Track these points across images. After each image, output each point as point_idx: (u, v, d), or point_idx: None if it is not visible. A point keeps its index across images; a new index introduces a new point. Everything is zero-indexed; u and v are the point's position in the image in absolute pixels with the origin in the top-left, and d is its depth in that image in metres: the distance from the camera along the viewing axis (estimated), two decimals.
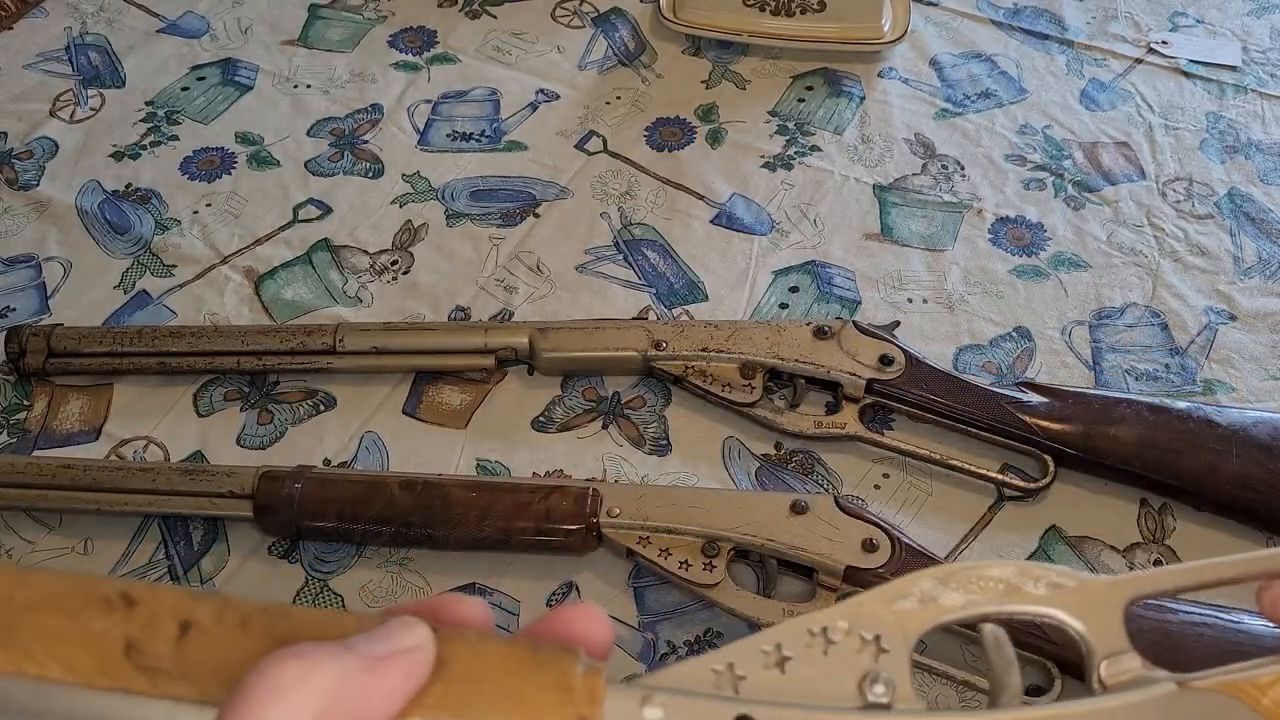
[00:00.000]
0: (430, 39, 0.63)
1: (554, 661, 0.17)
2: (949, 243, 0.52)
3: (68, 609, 0.18)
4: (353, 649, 0.17)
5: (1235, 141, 0.57)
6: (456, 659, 0.17)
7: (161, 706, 0.17)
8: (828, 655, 0.18)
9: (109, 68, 0.61)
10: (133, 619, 0.18)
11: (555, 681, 0.17)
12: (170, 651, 0.17)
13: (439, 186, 0.55)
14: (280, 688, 0.16)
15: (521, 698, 0.17)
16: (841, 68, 0.61)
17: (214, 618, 0.18)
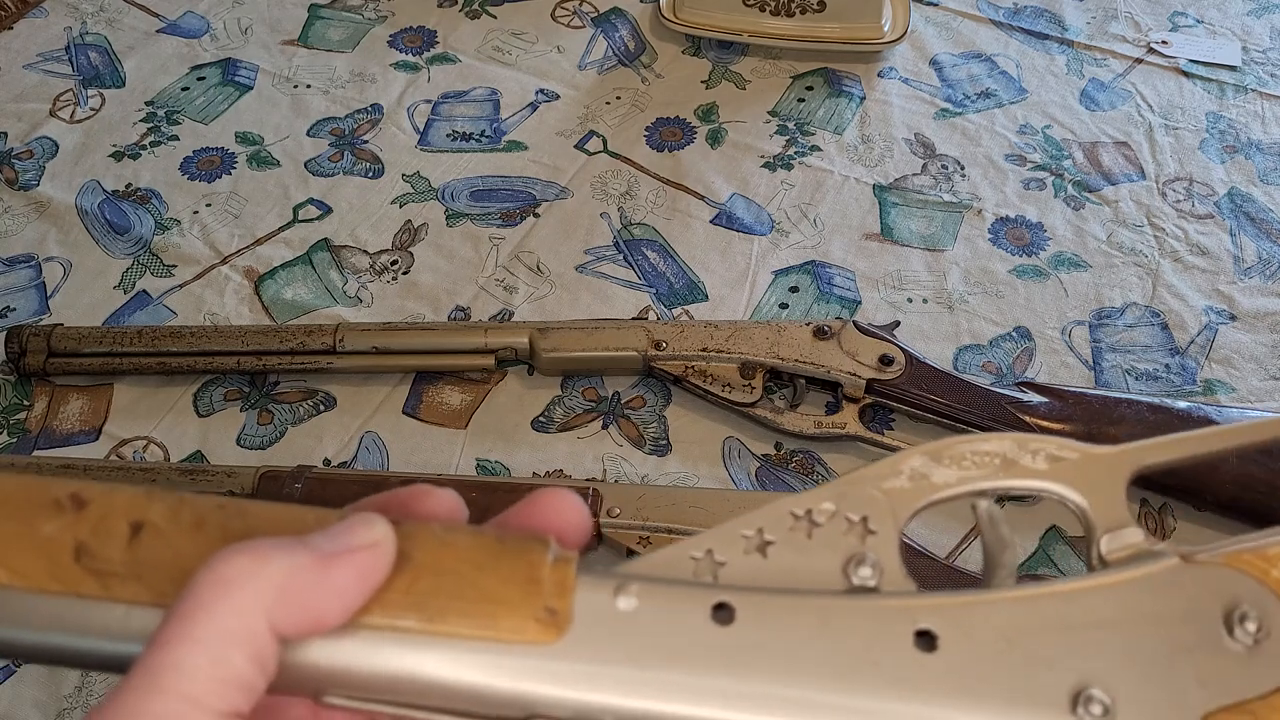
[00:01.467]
0: (430, 39, 0.63)
1: (522, 552, 0.17)
2: (949, 243, 0.52)
3: (16, 513, 0.17)
4: (307, 544, 0.16)
5: (1235, 141, 0.57)
6: (422, 552, 0.17)
7: (114, 610, 0.17)
8: (811, 539, 0.17)
9: (109, 68, 0.61)
10: (83, 520, 0.17)
11: (523, 574, 0.17)
12: (121, 554, 0.17)
13: (439, 186, 0.55)
14: (229, 582, 0.16)
15: (488, 592, 0.17)
16: (841, 68, 0.61)
17: (168, 517, 0.17)
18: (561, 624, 0.16)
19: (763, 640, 0.16)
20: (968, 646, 0.16)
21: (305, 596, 0.16)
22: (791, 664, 0.16)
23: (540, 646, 0.16)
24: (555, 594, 0.17)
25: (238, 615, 0.15)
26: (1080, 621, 0.16)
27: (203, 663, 0.15)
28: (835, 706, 0.16)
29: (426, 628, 0.16)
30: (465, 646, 0.16)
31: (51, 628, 0.17)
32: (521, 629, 0.16)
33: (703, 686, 0.16)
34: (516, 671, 0.16)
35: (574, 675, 0.16)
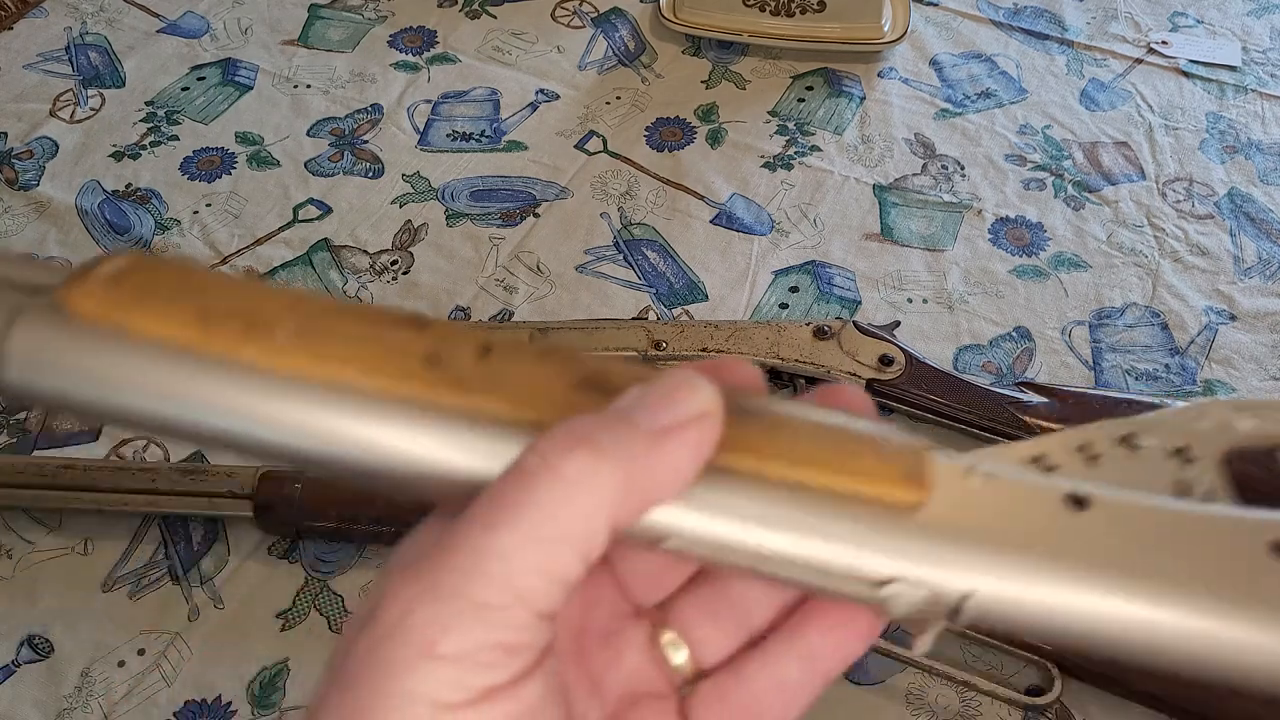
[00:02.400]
0: (430, 39, 0.63)
1: (869, 420, 0.17)
2: (949, 243, 0.52)
3: (361, 320, 0.16)
4: (634, 422, 0.15)
5: (1235, 141, 0.57)
6: (771, 409, 0.16)
7: (467, 420, 0.15)
8: (1135, 458, 0.17)
9: (109, 68, 0.61)
10: (428, 335, 0.16)
11: (879, 436, 0.16)
12: (474, 365, 0.16)
13: (439, 186, 0.55)
14: (569, 482, 0.14)
15: (848, 448, 0.16)
16: (841, 68, 0.61)
17: (513, 344, 0.16)
18: (924, 488, 0.16)
19: (1119, 528, 0.16)
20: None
21: (643, 485, 0.15)
22: (1148, 553, 0.16)
23: (903, 510, 0.16)
24: (916, 459, 0.16)
25: (579, 519, 0.15)
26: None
27: (535, 559, 0.14)
28: (1186, 591, 0.15)
29: (789, 475, 0.16)
30: (827, 501, 0.16)
31: (398, 434, 0.15)
32: (888, 487, 0.16)
33: (1059, 565, 0.15)
34: (880, 532, 0.16)
35: (935, 541, 0.16)
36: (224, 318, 0.16)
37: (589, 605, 0.19)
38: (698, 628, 0.19)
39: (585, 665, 0.19)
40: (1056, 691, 0.37)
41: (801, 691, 0.19)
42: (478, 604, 0.14)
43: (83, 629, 0.39)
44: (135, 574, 0.41)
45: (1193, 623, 0.15)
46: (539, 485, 0.15)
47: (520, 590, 0.14)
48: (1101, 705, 0.37)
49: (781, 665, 0.19)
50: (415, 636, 0.14)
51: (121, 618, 0.40)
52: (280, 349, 0.16)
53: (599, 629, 0.19)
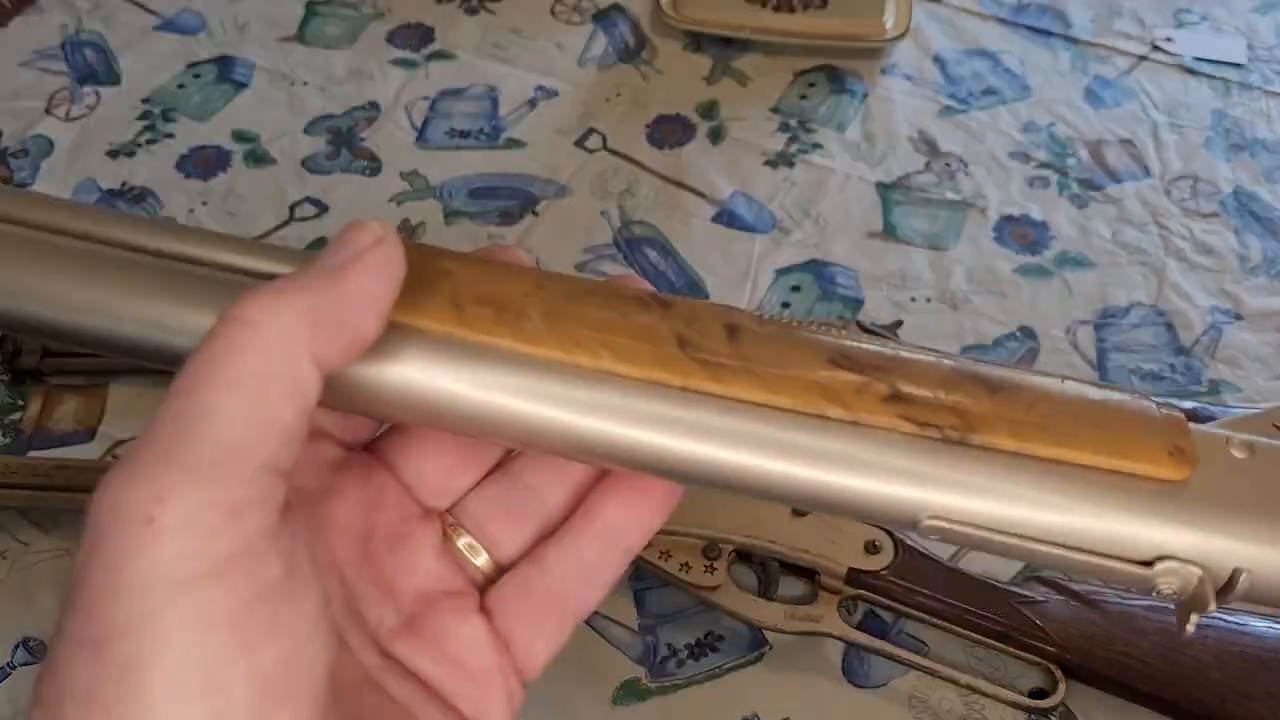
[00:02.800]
0: (428, 35, 0.63)
1: (1119, 393, 0.16)
2: (952, 241, 0.52)
3: (607, 302, 0.16)
4: (315, 267, 0.16)
5: (1240, 139, 0.56)
6: (1022, 381, 0.16)
7: (726, 406, 0.15)
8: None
9: (104, 65, 0.61)
10: (674, 317, 0.16)
11: (1136, 409, 0.16)
12: (726, 347, 0.16)
13: (437, 184, 0.55)
14: (255, 321, 0.15)
15: (1109, 422, 0.16)
16: (844, 64, 0.61)
17: (757, 324, 0.16)
18: (1190, 463, 0.15)
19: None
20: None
21: (335, 315, 0.15)
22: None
23: (1172, 484, 0.15)
24: (1178, 434, 0.16)
25: (274, 357, 0.14)
26: None
27: (239, 407, 0.14)
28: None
29: (1053, 453, 0.15)
30: (1093, 481, 0.15)
31: (667, 431, 0.15)
32: (1155, 462, 0.15)
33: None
34: (1149, 510, 0.15)
35: (1206, 516, 0.15)
36: (475, 304, 0.16)
37: (372, 509, 0.19)
38: (491, 524, 0.19)
39: (375, 570, 0.19)
40: (1060, 694, 0.37)
41: (603, 570, 0.19)
42: (189, 466, 0.13)
43: None
44: None
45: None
46: (227, 337, 0.14)
47: (231, 442, 0.14)
48: (1105, 708, 0.37)
49: (579, 546, 0.19)
50: (131, 513, 0.13)
51: None
52: (536, 335, 0.16)
53: (386, 533, 0.19)
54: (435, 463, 0.20)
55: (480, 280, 0.17)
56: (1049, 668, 0.37)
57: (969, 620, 0.37)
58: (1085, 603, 0.37)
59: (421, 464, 0.20)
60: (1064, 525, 0.15)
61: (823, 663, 0.38)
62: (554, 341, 0.16)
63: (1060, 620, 0.37)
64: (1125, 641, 0.36)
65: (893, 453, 0.16)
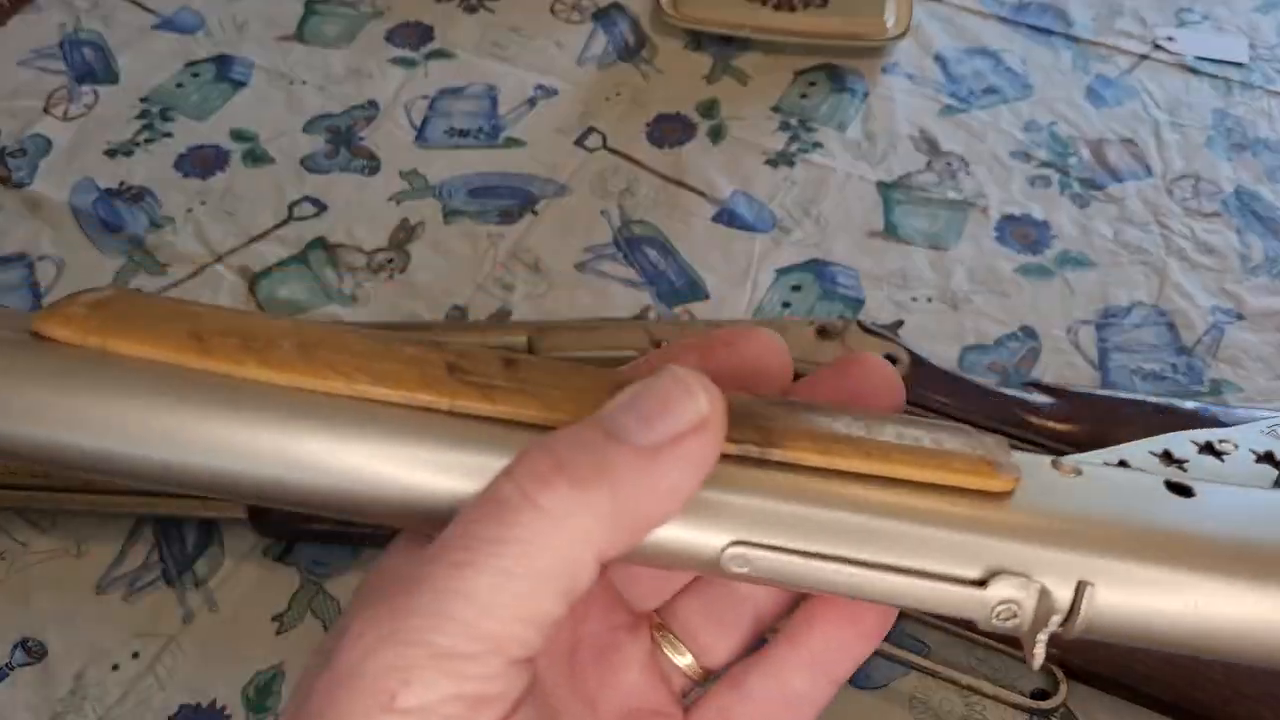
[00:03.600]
0: (427, 34, 0.63)
1: (927, 424, 0.15)
2: (953, 241, 0.52)
3: (371, 336, 0.15)
4: (621, 438, 0.13)
5: (1242, 139, 0.56)
6: (830, 406, 0.15)
7: (499, 429, 0.14)
8: (1224, 464, 0.16)
9: (103, 64, 0.61)
10: (447, 351, 0.15)
11: (958, 431, 0.15)
12: (500, 371, 0.14)
13: (436, 184, 0.55)
14: (551, 516, 0.13)
15: (931, 440, 0.15)
16: (845, 63, 0.60)
17: (538, 358, 0.16)
18: (1014, 475, 0.14)
19: (1229, 511, 0.15)
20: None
21: (635, 511, 0.13)
22: (1263, 526, 0.14)
23: (996, 496, 0.14)
24: (996, 449, 0.15)
25: (560, 557, 0.13)
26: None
27: (508, 600, 0.13)
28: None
29: (864, 467, 0.14)
30: (907, 493, 0.14)
31: (421, 448, 0.14)
32: (976, 473, 0.14)
33: (1167, 543, 0.14)
34: (976, 521, 0.14)
35: (1040, 526, 0.14)
36: (219, 335, 0.14)
37: (581, 619, 0.18)
38: (701, 631, 0.18)
39: (579, 684, 0.18)
40: (1062, 695, 0.37)
41: (809, 702, 0.17)
42: (442, 652, 0.13)
43: (76, 632, 0.39)
44: (129, 576, 0.41)
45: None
46: (513, 520, 0.13)
47: (491, 636, 0.13)
48: (1107, 709, 0.37)
49: (785, 675, 0.17)
50: (374, 686, 0.13)
51: (115, 621, 0.39)
52: (286, 362, 0.14)
53: (593, 643, 0.18)
54: (646, 570, 0.18)
55: (230, 318, 0.15)
56: (1050, 669, 0.37)
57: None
58: None
59: (633, 566, 0.18)
60: (883, 544, 0.14)
61: None
62: (306, 367, 0.14)
63: None
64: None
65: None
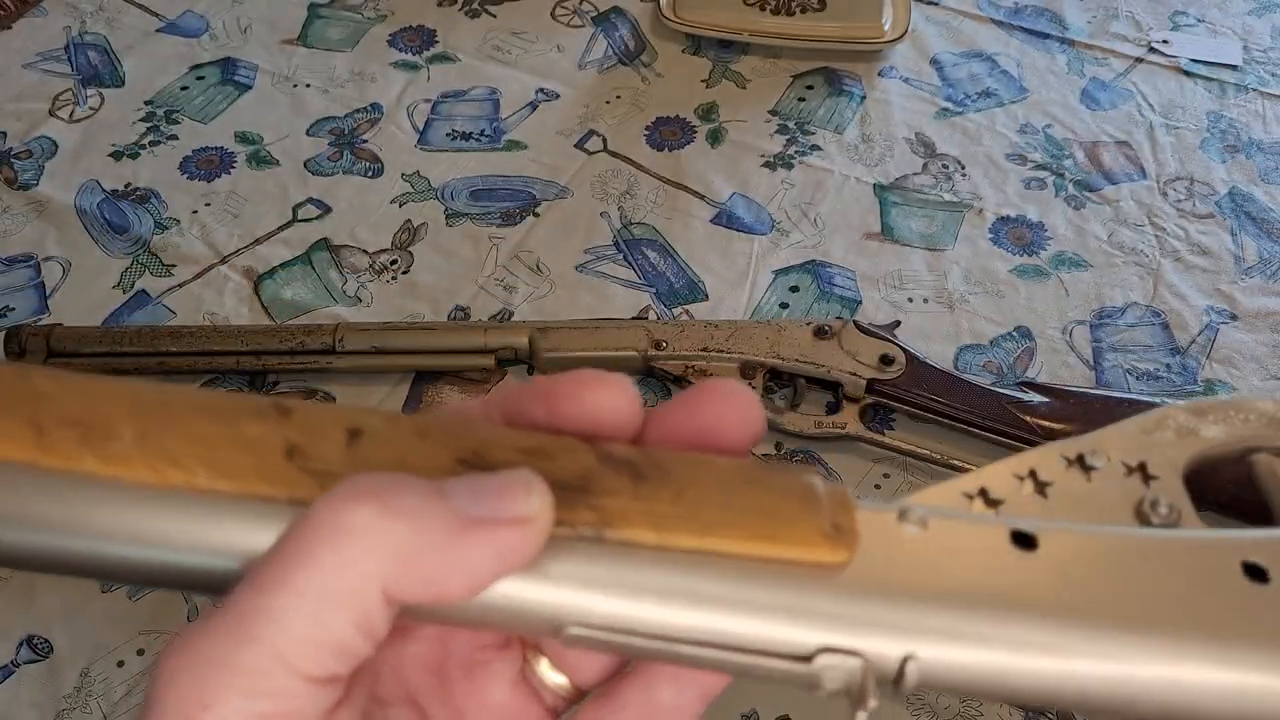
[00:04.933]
0: (430, 38, 0.63)
1: (787, 470, 0.15)
2: (949, 242, 0.52)
3: (217, 415, 0.15)
4: (447, 497, 0.14)
5: (1236, 141, 0.57)
6: (677, 465, 0.15)
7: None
8: (1091, 482, 0.16)
9: (108, 67, 0.61)
10: (291, 425, 0.15)
11: (799, 490, 0.15)
12: (340, 454, 0.14)
13: (438, 186, 0.55)
14: (346, 531, 0.13)
15: (766, 506, 0.14)
16: (842, 67, 0.61)
17: (386, 424, 0.15)
18: (850, 543, 0.14)
19: (1074, 567, 0.14)
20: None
21: (427, 568, 0.13)
22: (1109, 592, 0.14)
23: (827, 570, 0.14)
24: (839, 511, 0.14)
25: (346, 573, 0.13)
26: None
27: (299, 620, 0.13)
28: (1159, 629, 0.14)
29: (699, 544, 0.14)
30: (739, 570, 0.14)
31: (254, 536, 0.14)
32: (809, 546, 0.14)
33: (1009, 615, 0.14)
34: (801, 598, 0.14)
35: (863, 602, 0.14)
36: (59, 427, 0.14)
37: (448, 638, 0.18)
38: (565, 655, 0.18)
39: (448, 698, 0.18)
40: None
41: (677, 713, 0.17)
42: (240, 672, 0.13)
43: (82, 629, 0.39)
44: None
45: (1165, 667, 0.14)
46: (313, 537, 0.13)
47: (284, 654, 0.13)
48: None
49: (654, 688, 0.17)
50: (176, 712, 0.13)
51: (121, 618, 0.40)
52: (122, 455, 0.14)
53: (462, 660, 0.18)
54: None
55: (75, 399, 0.15)
56: None
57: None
58: None
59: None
60: (713, 623, 0.14)
61: None
62: (144, 462, 0.14)
63: None
64: None
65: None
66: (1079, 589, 0.14)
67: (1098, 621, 0.14)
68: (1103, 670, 0.14)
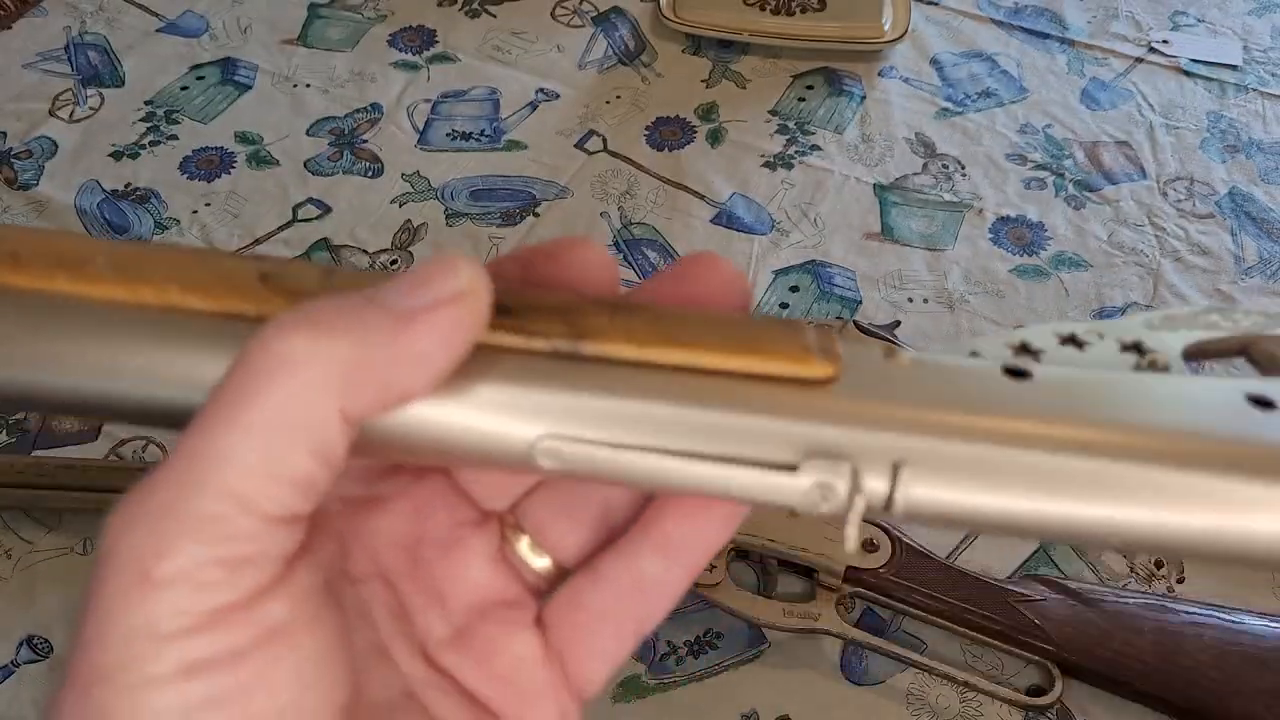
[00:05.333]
0: (430, 38, 0.63)
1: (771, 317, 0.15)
2: (950, 242, 0.52)
3: (197, 253, 0.15)
4: (377, 303, 0.13)
5: (1236, 141, 0.57)
6: (649, 305, 0.14)
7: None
8: (1085, 353, 0.16)
9: (108, 67, 0.61)
10: (266, 262, 0.15)
11: (782, 325, 0.14)
12: (317, 281, 0.14)
13: (438, 186, 0.55)
14: (285, 361, 0.13)
15: (748, 332, 0.14)
16: (842, 67, 0.61)
17: (358, 272, 0.15)
18: (835, 361, 0.14)
19: (1067, 392, 0.14)
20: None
21: (378, 371, 0.13)
22: (1110, 409, 0.14)
23: (815, 383, 0.14)
24: (823, 337, 0.14)
25: (300, 404, 0.13)
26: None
27: (253, 456, 0.13)
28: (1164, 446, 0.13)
29: (679, 359, 0.14)
30: (720, 382, 0.14)
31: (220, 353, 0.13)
32: (794, 360, 0.14)
33: (990, 424, 0.13)
34: (791, 403, 0.14)
35: (854, 406, 0.14)
36: (36, 255, 0.14)
37: (423, 515, 0.18)
38: (552, 526, 0.18)
39: (424, 577, 0.18)
40: (1057, 692, 0.37)
41: (663, 586, 0.17)
42: (194, 517, 0.13)
43: None
44: None
45: (1168, 479, 0.13)
46: (253, 372, 0.13)
47: (240, 494, 0.13)
48: (1103, 706, 0.37)
49: (638, 560, 0.17)
50: (128, 563, 0.13)
51: None
52: (98, 276, 0.14)
53: (437, 539, 0.18)
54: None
55: (53, 239, 0.15)
56: (1046, 665, 0.37)
57: (966, 618, 0.37)
58: (1083, 601, 0.38)
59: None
60: (694, 432, 0.14)
61: (821, 660, 0.39)
62: (116, 280, 0.14)
63: (1058, 618, 0.37)
64: (1123, 640, 0.37)
65: (495, 375, 0.14)
66: (1078, 405, 0.14)
67: (1097, 437, 0.13)
68: (1096, 485, 0.13)
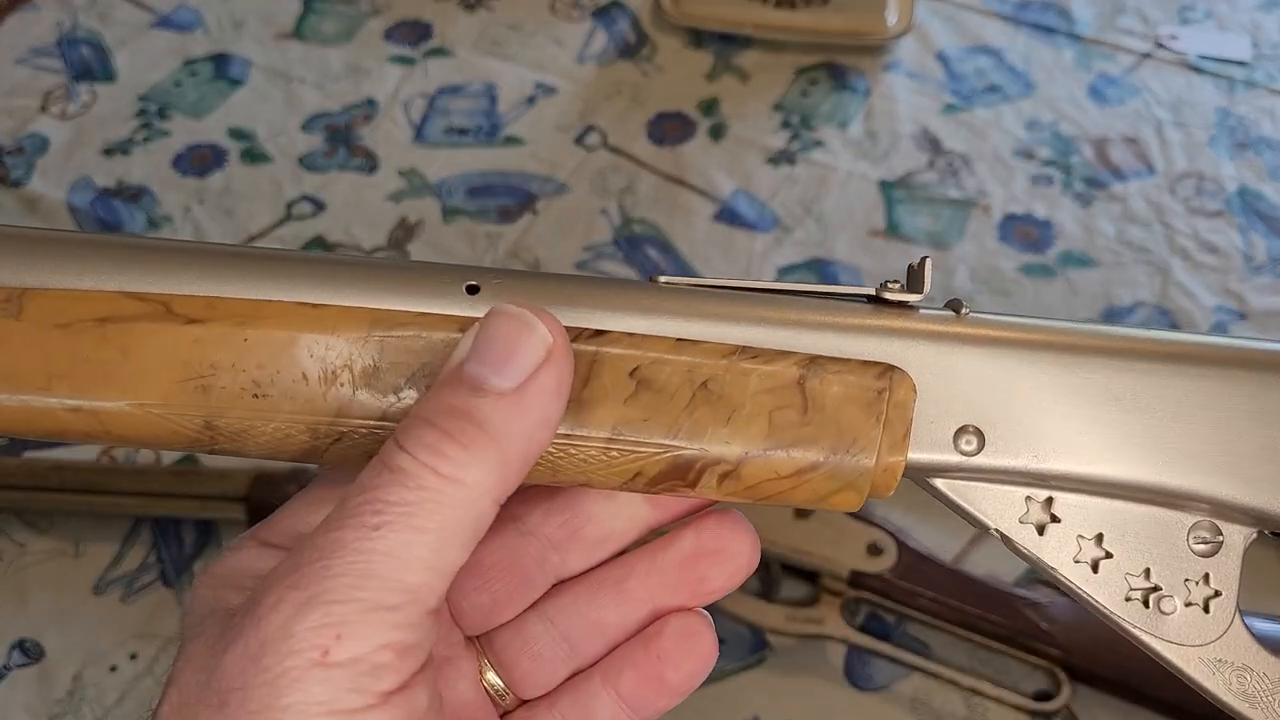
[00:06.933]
0: (426, 32, 0.62)
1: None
2: (956, 240, 0.51)
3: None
4: (487, 389, 0.15)
5: (1245, 138, 0.56)
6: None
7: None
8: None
9: (100, 63, 0.61)
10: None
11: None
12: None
13: (435, 182, 0.54)
14: (449, 480, 0.14)
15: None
16: (846, 61, 0.60)
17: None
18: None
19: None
20: None
21: (518, 451, 0.15)
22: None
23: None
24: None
25: (465, 512, 0.14)
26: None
27: (425, 556, 0.14)
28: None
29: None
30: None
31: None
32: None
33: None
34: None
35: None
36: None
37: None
38: (520, 662, 0.20)
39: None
40: (1064, 697, 0.36)
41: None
42: (370, 606, 0.14)
43: (74, 633, 0.39)
44: (127, 577, 0.40)
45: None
46: (417, 484, 0.14)
47: (411, 588, 0.14)
48: (1109, 710, 0.37)
49: (594, 705, 0.19)
50: (304, 644, 0.14)
51: (113, 622, 0.39)
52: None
53: (439, 653, 0.19)
54: (477, 598, 0.20)
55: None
56: (1053, 670, 0.37)
57: (972, 622, 0.37)
58: None
59: (468, 592, 0.20)
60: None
61: (825, 665, 0.38)
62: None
63: (1064, 622, 0.37)
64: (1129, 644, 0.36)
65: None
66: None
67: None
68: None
